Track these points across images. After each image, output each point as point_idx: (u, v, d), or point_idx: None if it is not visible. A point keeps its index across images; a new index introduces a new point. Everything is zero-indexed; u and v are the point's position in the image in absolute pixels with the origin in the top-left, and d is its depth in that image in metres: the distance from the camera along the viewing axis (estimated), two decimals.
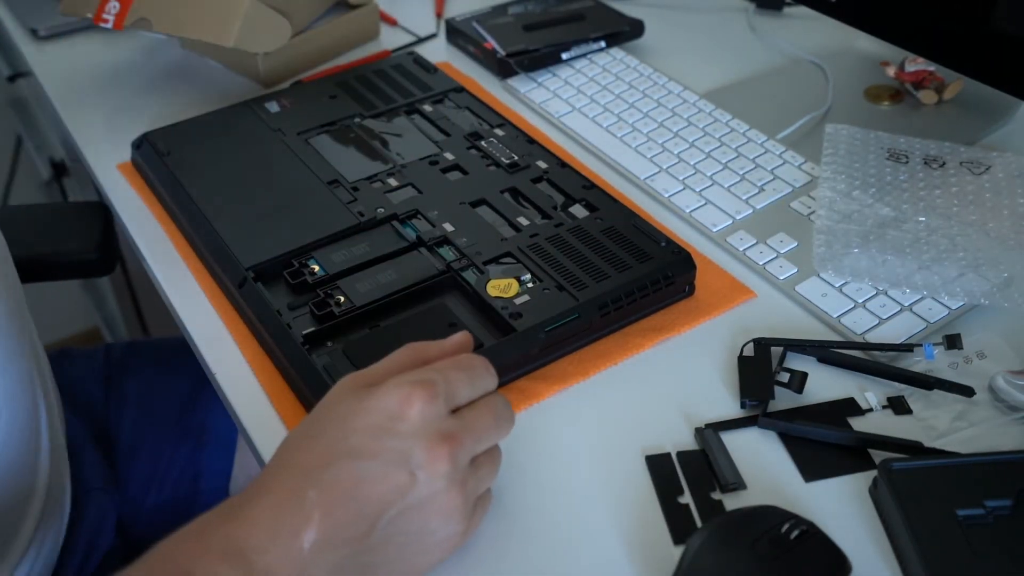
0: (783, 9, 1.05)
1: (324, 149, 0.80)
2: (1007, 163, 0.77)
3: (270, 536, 0.44)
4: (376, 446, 0.46)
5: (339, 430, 0.47)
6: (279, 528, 0.44)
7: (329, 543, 0.45)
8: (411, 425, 0.46)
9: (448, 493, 0.46)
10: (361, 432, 0.46)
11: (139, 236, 0.77)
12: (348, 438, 0.46)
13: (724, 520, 0.52)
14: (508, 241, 0.70)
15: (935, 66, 0.88)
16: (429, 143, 0.81)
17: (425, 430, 0.46)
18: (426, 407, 0.46)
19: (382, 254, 0.69)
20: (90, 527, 0.75)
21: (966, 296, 0.66)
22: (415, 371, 0.49)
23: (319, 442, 0.47)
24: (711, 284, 0.70)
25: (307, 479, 0.45)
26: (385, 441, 0.46)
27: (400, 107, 0.86)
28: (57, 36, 1.04)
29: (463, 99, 0.87)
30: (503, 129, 0.82)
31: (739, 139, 0.84)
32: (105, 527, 0.77)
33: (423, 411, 0.46)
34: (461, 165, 0.78)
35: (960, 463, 0.55)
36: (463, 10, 1.02)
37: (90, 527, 0.75)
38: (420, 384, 0.47)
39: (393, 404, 0.46)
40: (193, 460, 0.86)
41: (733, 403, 0.62)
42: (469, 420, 0.48)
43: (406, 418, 0.46)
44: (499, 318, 0.64)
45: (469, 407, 0.49)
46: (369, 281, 0.67)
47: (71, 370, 0.88)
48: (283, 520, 0.44)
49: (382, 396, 0.47)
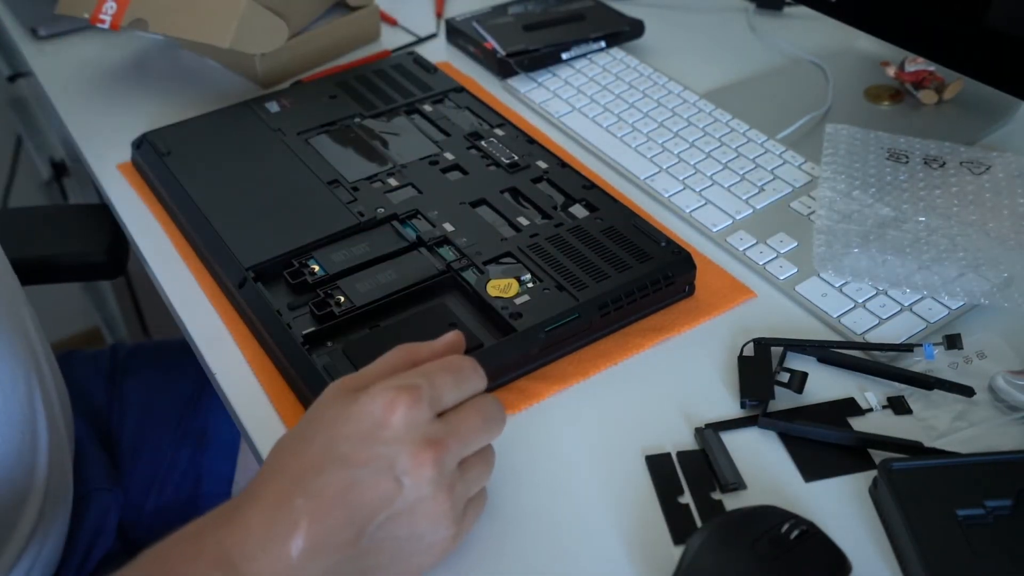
0: (783, 9, 1.05)
1: (324, 149, 0.80)
2: (1007, 163, 0.77)
3: (259, 543, 0.44)
4: (363, 453, 0.46)
5: (327, 436, 0.47)
6: (268, 535, 0.45)
7: (318, 550, 0.45)
8: (395, 431, 0.46)
9: (435, 498, 0.47)
10: (348, 439, 0.46)
11: (139, 236, 0.77)
12: (336, 445, 0.46)
13: (724, 520, 0.52)
14: (508, 241, 0.70)
15: (935, 66, 0.88)
16: (429, 143, 0.81)
17: (409, 436, 0.46)
18: (410, 412, 0.46)
19: (382, 254, 0.69)
20: (91, 527, 0.75)
21: (966, 296, 0.66)
22: (401, 375, 0.49)
23: (308, 448, 0.47)
24: (711, 284, 0.70)
25: (296, 486, 0.45)
26: (372, 448, 0.46)
27: (400, 107, 0.86)
28: (57, 36, 1.04)
29: (463, 99, 0.87)
30: (503, 129, 0.82)
31: (739, 139, 0.84)
32: (106, 528, 0.77)
33: (407, 416, 0.46)
34: (461, 165, 0.78)
35: (960, 463, 0.55)
36: (463, 10, 1.02)
37: (91, 527, 0.75)
38: (404, 389, 0.47)
39: (377, 410, 0.46)
40: (195, 463, 0.86)
41: (733, 403, 0.62)
42: (455, 423, 0.48)
43: (390, 424, 0.46)
44: (499, 318, 0.64)
45: (455, 410, 0.49)
46: (369, 281, 0.67)
47: (76, 371, 0.88)
48: (272, 527, 0.45)
49: (367, 402, 0.47)
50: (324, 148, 0.80)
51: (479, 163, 0.78)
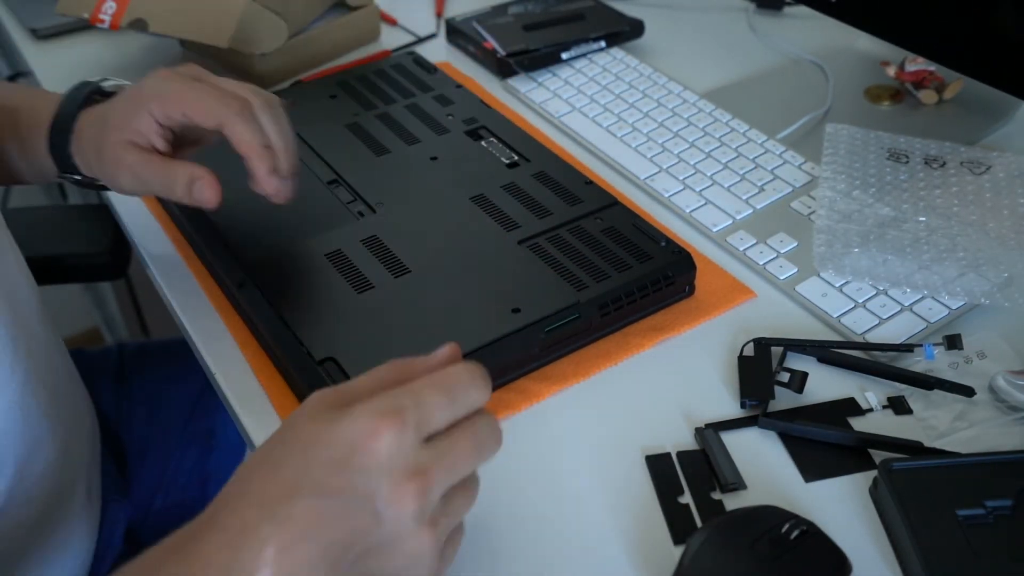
0: (783, 9, 1.05)
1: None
2: (1007, 163, 0.77)
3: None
4: (339, 482, 0.41)
5: (301, 461, 0.42)
6: (230, 568, 0.40)
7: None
8: (377, 460, 0.41)
9: (417, 535, 0.42)
10: (323, 466, 0.42)
11: (139, 236, 0.77)
12: (311, 470, 0.42)
13: (724, 520, 0.52)
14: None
15: (935, 66, 0.88)
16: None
17: (391, 466, 0.41)
18: (393, 441, 0.42)
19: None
20: (103, 540, 0.74)
21: (966, 296, 0.66)
22: (387, 395, 0.43)
23: (279, 472, 0.42)
24: (711, 284, 0.70)
25: (263, 513, 0.41)
26: (348, 477, 0.41)
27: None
28: (57, 36, 1.04)
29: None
30: (503, 128, 0.82)
31: (739, 139, 0.84)
32: (114, 540, 0.76)
33: (390, 445, 0.41)
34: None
35: (960, 463, 0.55)
36: (463, 10, 1.02)
37: (103, 540, 0.74)
38: (388, 415, 0.42)
39: (358, 437, 0.42)
40: (201, 464, 0.85)
41: (733, 403, 0.62)
42: (443, 449, 0.43)
43: (371, 452, 0.41)
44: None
45: (446, 433, 0.44)
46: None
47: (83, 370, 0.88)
48: (235, 558, 0.40)
49: (347, 426, 0.42)
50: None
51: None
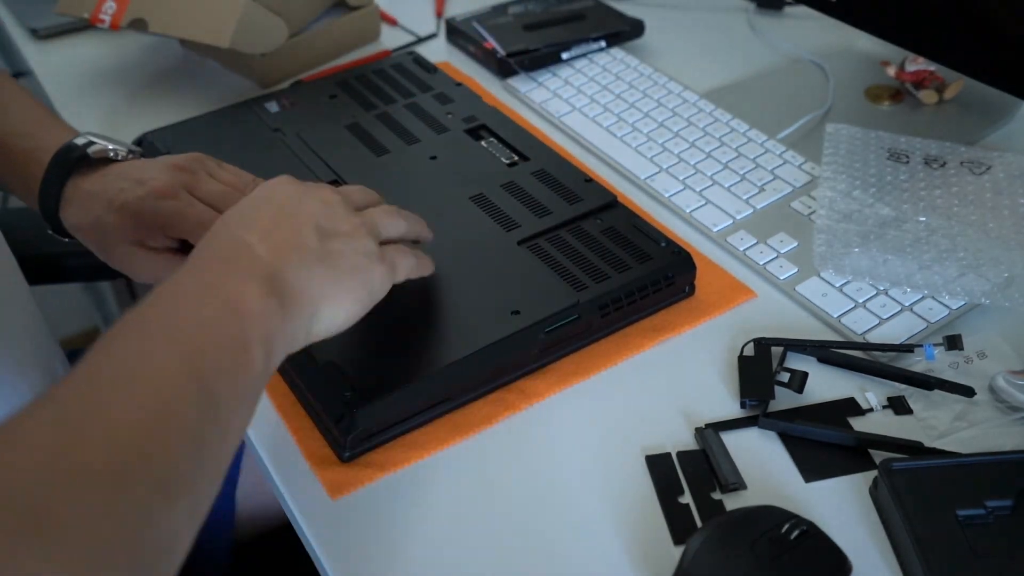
0: (783, 9, 1.05)
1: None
2: (1007, 163, 0.77)
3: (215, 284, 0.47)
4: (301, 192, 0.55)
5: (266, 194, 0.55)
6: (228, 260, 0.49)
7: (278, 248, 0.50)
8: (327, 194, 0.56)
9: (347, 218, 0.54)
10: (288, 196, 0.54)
11: None
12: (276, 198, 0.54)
13: (724, 520, 0.52)
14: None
15: (935, 66, 0.88)
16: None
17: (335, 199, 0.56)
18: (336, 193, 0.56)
19: None
20: None
21: (967, 296, 0.66)
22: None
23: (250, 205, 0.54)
24: (711, 284, 0.70)
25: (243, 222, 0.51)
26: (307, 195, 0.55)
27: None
28: (57, 36, 1.04)
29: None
30: (503, 127, 0.82)
31: (739, 139, 0.84)
32: None
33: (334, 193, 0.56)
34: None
35: (960, 463, 0.55)
36: (463, 10, 1.02)
37: None
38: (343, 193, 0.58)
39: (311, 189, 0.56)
40: None
41: (733, 403, 0.62)
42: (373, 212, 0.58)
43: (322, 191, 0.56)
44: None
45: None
46: None
47: None
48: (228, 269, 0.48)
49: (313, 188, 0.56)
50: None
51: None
